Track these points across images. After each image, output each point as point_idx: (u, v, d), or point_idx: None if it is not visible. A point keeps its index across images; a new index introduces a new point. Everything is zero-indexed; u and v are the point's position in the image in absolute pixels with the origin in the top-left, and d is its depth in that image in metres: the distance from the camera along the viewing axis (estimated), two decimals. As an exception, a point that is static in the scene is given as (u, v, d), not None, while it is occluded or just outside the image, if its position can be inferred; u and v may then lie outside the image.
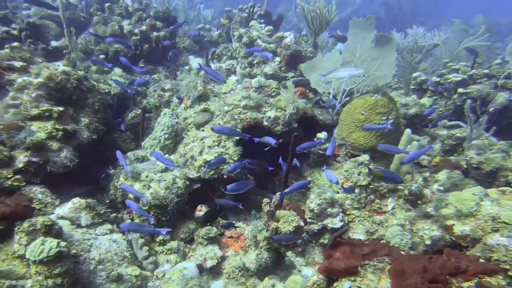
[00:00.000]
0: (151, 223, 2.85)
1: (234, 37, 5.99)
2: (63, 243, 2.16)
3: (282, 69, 5.27)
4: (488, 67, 5.30)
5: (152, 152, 3.06)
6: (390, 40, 4.30)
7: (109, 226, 2.83)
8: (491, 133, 4.08)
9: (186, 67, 6.47)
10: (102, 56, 5.32)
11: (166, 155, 3.45)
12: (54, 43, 4.24)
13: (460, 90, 5.17)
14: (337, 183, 3.11)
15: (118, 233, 2.82)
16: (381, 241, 3.42)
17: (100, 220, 2.80)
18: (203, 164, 3.45)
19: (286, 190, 2.92)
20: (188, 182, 3.39)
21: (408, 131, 3.58)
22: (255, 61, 5.51)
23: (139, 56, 6.10)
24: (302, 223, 2.85)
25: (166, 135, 3.66)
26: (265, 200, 2.72)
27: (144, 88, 4.62)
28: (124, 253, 2.69)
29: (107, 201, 3.24)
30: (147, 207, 2.95)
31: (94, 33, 5.21)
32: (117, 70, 5.43)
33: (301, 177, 4.32)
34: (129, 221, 2.99)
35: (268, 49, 5.37)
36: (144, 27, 6.09)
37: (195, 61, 6.56)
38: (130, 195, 2.98)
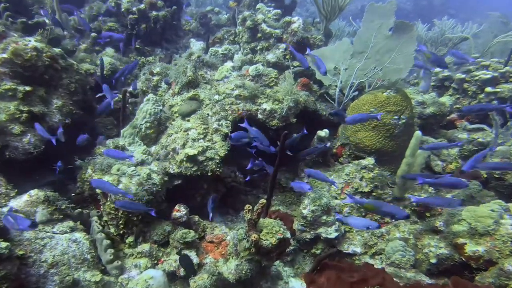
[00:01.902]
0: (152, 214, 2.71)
1: (238, 20, 5.66)
2: (3, 244, 1.95)
3: (287, 57, 4.93)
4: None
5: (103, 151, 2.81)
6: (410, 29, 3.90)
7: (70, 223, 2.62)
8: (519, 139, 3.68)
9: (188, 50, 6.21)
10: (93, 35, 5.09)
11: (143, 147, 3.20)
12: (38, 19, 4.03)
13: (488, 89, 4.73)
14: (310, 189, 2.95)
15: (81, 232, 2.62)
16: (379, 255, 3.13)
17: (61, 216, 2.59)
18: (185, 159, 3.20)
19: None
20: (166, 178, 3.15)
21: (418, 133, 3.23)
22: (258, 47, 5.20)
23: (135, 36, 5.85)
24: (288, 235, 2.58)
25: (148, 124, 3.42)
26: (247, 207, 2.45)
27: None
28: (85, 255, 2.48)
29: (73, 194, 3.04)
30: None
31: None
32: (109, 50, 5.21)
33: (297, 177, 4.04)
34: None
35: (273, 34, 5.03)
36: (142, 5, 5.83)
37: (196, 44, 6.27)
38: (98, 190, 2.76)
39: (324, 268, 2.07)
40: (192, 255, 3.00)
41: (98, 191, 2.77)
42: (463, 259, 2.75)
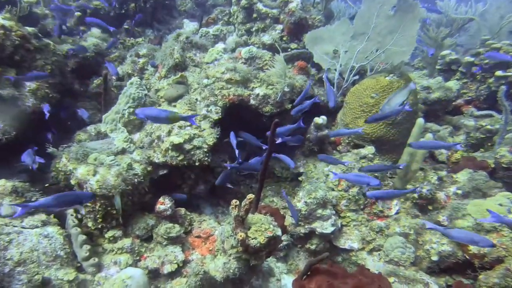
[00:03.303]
0: None
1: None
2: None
3: (284, 39, 4.66)
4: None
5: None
6: (414, 8, 3.63)
7: (42, 217, 2.45)
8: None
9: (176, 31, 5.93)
10: (77, 14, 4.83)
11: (125, 135, 3.00)
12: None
13: (499, 73, 4.47)
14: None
15: (54, 226, 2.44)
16: (378, 251, 2.97)
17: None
18: (170, 147, 3.01)
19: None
20: (150, 168, 2.96)
21: (420, 121, 3.02)
22: (253, 28, 4.93)
23: (124, 16, 5.56)
24: (279, 232, 2.40)
25: (132, 109, 3.21)
26: (234, 202, 2.26)
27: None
28: (58, 252, 2.32)
29: (46, 185, 2.86)
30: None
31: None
32: (95, 30, 4.95)
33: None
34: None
35: (270, 14, 4.75)
36: (130, -17, 5.52)
37: (189, 25, 5.98)
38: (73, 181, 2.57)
39: (315, 273, 1.90)
40: (177, 251, 2.84)
41: (73, 181, 2.58)
42: (467, 257, 2.58)
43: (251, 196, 2.28)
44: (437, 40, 5.08)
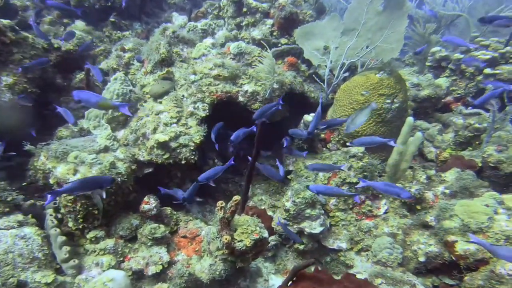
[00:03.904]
0: None
1: (222, -8, 5.25)
2: None
3: (274, 34, 4.59)
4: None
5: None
6: (402, 4, 3.57)
7: (19, 217, 2.36)
8: (518, 126, 3.46)
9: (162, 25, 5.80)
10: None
11: (108, 132, 2.90)
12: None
13: (487, 70, 4.47)
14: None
15: (32, 227, 2.35)
16: (366, 251, 2.95)
17: (6, 209, 2.32)
18: (155, 145, 2.92)
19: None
20: (134, 166, 2.88)
21: (410, 119, 3.00)
22: (243, 23, 4.84)
23: (111, 8, 5.39)
24: (265, 234, 2.35)
25: (116, 106, 3.10)
26: (220, 203, 2.20)
27: None
28: (35, 254, 2.24)
29: (24, 184, 2.76)
30: (72, 197, 2.46)
31: None
32: (79, 23, 4.79)
33: (283, 164, 3.79)
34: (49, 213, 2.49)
35: (260, 9, 4.65)
36: (116, -26, 5.35)
37: (178, 19, 5.84)
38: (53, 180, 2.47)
39: (301, 279, 1.86)
40: (162, 252, 2.78)
41: (52, 180, 2.48)
42: (453, 258, 2.57)
43: (237, 197, 2.23)
44: (425, 36, 5.07)
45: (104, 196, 2.32)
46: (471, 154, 3.43)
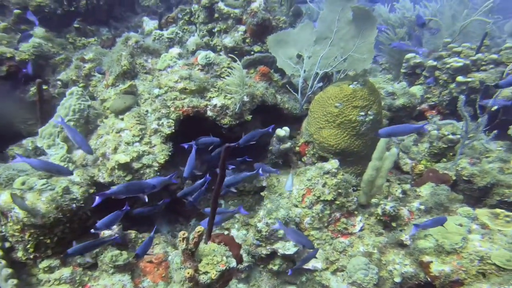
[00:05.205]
0: None
1: (194, -3, 5.05)
2: None
3: (247, 41, 4.44)
4: (497, 52, 4.58)
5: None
6: (368, 15, 3.48)
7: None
8: (491, 137, 3.45)
9: (138, 31, 5.54)
10: (16, 11, 4.34)
11: (63, 152, 2.68)
12: None
13: (460, 78, 4.48)
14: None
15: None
16: (341, 272, 2.85)
17: None
18: (116, 167, 2.72)
19: None
20: (92, 190, 2.67)
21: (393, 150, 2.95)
22: (215, 29, 4.67)
23: (75, 13, 5.09)
24: (233, 264, 2.21)
25: (72, 123, 2.88)
26: (181, 234, 2.04)
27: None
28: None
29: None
30: (19, 226, 2.23)
31: None
32: (38, 30, 4.48)
33: (255, 179, 3.65)
34: None
35: (232, 15, 4.49)
36: (80, -23, 5.06)
37: (149, 23, 5.60)
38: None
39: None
40: (125, 279, 2.59)
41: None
42: (428, 279, 2.51)
43: (200, 228, 2.08)
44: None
45: (146, 200, 2.38)
46: (446, 167, 3.40)
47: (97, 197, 2.17)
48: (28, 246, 2.38)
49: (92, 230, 2.35)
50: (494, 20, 6.28)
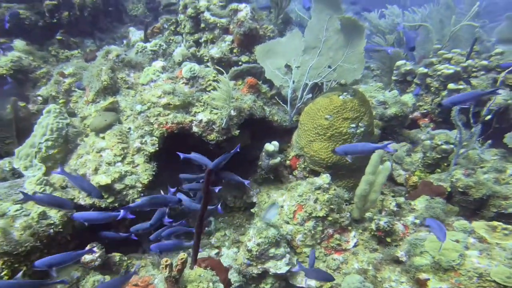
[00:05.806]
0: None
1: (180, 7, 4.98)
2: None
3: (235, 51, 4.36)
4: (487, 58, 4.58)
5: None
6: (355, 25, 3.42)
7: None
8: (486, 147, 3.40)
9: (124, 41, 5.45)
10: (-6, 25, 4.23)
11: (40, 174, 2.55)
12: None
13: (451, 85, 4.45)
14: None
15: None
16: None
17: None
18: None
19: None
20: (71, 213, 2.53)
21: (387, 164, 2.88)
22: (202, 39, 4.58)
23: (56, 25, 4.98)
24: (220, 289, 2.10)
25: (50, 143, 2.76)
26: (164, 261, 1.93)
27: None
28: None
29: None
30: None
31: None
32: (18, 43, 4.36)
33: (245, 195, 3.55)
34: None
35: (218, 24, 4.41)
36: (62, -11, 4.96)
37: (136, 34, 5.50)
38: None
39: None
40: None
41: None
42: (426, 298, 2.42)
43: (183, 255, 1.97)
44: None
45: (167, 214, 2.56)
46: (440, 178, 3.33)
47: (121, 211, 2.30)
48: (3, 274, 2.24)
49: None
50: (481, 24, 6.35)
